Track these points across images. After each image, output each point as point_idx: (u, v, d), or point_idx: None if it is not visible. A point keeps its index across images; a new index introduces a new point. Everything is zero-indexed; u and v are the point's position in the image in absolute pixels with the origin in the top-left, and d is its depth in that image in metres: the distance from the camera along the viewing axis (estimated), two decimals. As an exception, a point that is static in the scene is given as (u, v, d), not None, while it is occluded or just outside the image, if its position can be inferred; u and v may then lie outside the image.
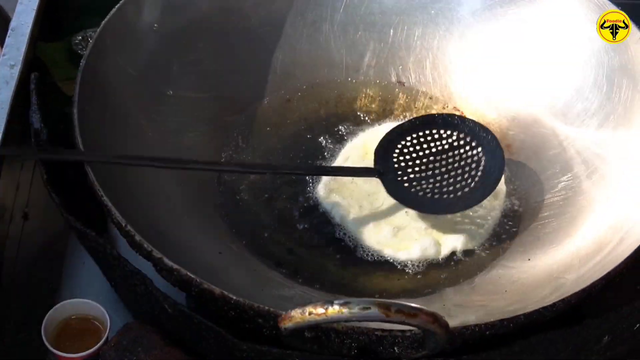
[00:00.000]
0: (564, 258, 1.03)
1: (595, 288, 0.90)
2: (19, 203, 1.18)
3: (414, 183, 1.11)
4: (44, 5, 1.27)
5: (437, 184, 1.10)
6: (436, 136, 1.13)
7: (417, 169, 1.12)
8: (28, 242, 1.16)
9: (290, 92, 1.30)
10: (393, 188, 1.11)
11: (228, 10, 1.27)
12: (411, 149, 1.13)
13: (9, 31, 1.20)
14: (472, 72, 1.28)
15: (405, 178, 1.11)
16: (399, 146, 1.13)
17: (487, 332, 0.86)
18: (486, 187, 1.10)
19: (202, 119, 1.21)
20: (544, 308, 0.88)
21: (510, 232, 1.13)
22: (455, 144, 1.12)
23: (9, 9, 1.29)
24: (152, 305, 0.93)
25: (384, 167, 1.12)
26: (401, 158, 1.12)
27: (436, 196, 1.10)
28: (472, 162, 1.11)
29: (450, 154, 1.12)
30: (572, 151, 1.17)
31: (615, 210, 1.05)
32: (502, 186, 1.16)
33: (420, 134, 1.13)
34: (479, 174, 1.10)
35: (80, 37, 1.30)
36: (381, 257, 1.10)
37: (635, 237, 0.96)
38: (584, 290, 0.90)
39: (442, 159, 1.12)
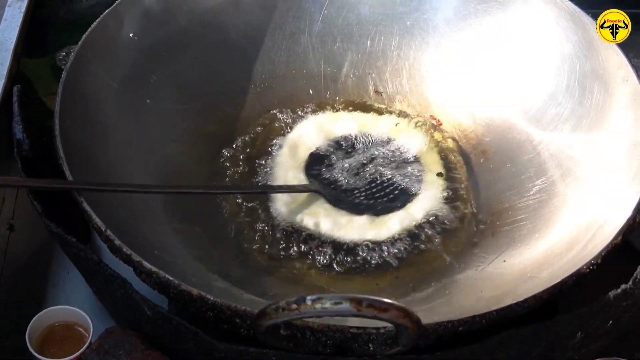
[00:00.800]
0: (538, 257, 1.05)
1: (566, 284, 0.92)
2: (4, 215, 1.21)
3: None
4: (27, 22, 1.30)
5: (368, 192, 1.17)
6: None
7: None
8: (14, 253, 1.18)
9: (270, 103, 1.32)
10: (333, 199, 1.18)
11: (207, 23, 1.30)
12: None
13: (-6, 47, 1.23)
14: (448, 81, 1.30)
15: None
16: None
17: (460, 328, 0.87)
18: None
19: (183, 129, 1.23)
20: (516, 304, 0.89)
21: (485, 235, 1.15)
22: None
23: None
24: (132, 308, 0.94)
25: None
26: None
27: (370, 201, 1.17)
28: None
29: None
30: (546, 155, 1.19)
31: (587, 210, 1.07)
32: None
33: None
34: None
35: (64, 53, 1.33)
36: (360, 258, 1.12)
37: (605, 234, 0.98)
38: (554, 287, 0.91)
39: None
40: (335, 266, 1.11)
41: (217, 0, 1.31)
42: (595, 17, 1.19)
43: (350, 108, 1.32)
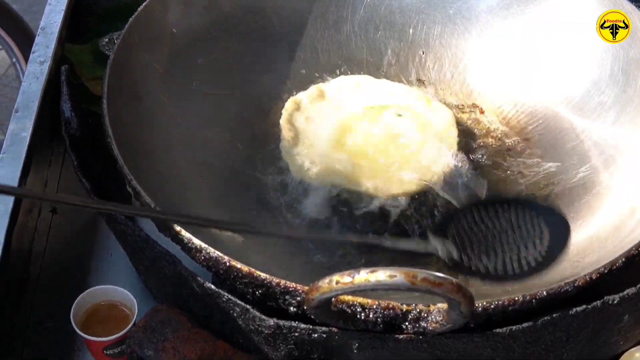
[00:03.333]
0: (583, 243, 1.05)
1: (615, 265, 0.92)
2: (47, 198, 1.21)
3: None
4: (71, 7, 1.31)
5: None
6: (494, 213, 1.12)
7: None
8: (56, 236, 1.19)
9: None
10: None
11: (250, 10, 1.31)
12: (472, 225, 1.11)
13: (39, 30, 1.24)
14: (490, 69, 1.31)
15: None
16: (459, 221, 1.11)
17: (510, 308, 0.87)
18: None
19: (225, 114, 1.24)
20: (566, 283, 0.89)
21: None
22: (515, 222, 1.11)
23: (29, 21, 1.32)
24: (180, 286, 0.95)
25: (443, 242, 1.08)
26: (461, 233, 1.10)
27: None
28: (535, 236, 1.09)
29: (509, 231, 1.10)
30: (589, 143, 1.19)
31: (631, 195, 1.07)
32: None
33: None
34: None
35: (106, 40, 1.33)
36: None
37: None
38: (604, 267, 0.91)
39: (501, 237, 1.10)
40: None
41: (262, -12, 1.32)
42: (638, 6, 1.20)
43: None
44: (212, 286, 0.91)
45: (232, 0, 1.29)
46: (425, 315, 0.86)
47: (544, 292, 0.88)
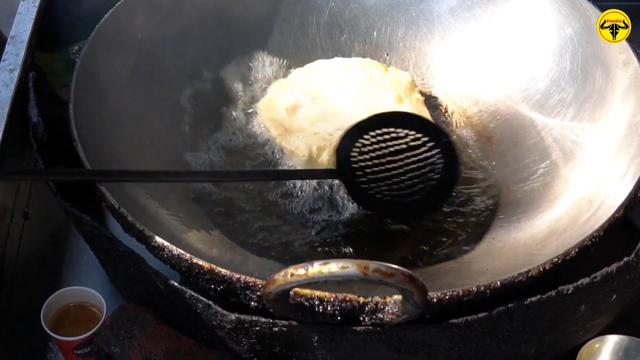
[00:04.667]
0: (542, 235, 1.07)
1: (569, 256, 0.94)
2: (19, 203, 1.23)
3: (372, 184, 1.11)
4: (41, 16, 1.33)
5: (394, 186, 1.11)
6: (394, 135, 1.12)
7: (376, 168, 1.11)
8: (29, 240, 1.21)
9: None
10: (353, 189, 1.12)
11: (216, 15, 1.33)
12: (370, 147, 1.12)
13: (9, 39, 1.26)
14: (453, 70, 1.33)
15: (363, 179, 1.11)
16: (359, 145, 1.12)
17: (465, 298, 0.89)
18: (441, 196, 1.13)
19: (192, 117, 1.26)
20: (519, 274, 0.91)
21: (492, 217, 1.17)
22: (413, 144, 1.12)
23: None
24: (145, 284, 0.97)
25: (345, 165, 1.11)
26: (361, 157, 1.12)
27: (394, 199, 1.11)
28: (429, 165, 1.12)
29: (407, 154, 1.12)
30: (549, 140, 1.21)
31: (589, 188, 1.09)
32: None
33: (379, 132, 1.13)
34: (434, 179, 1.11)
35: (77, 47, 1.35)
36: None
37: (607, 209, 1.00)
38: (557, 257, 0.93)
39: (399, 160, 1.12)
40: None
41: (227, -8, 1.34)
42: (599, 8, 1.22)
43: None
44: (175, 283, 0.93)
45: (197, 5, 1.31)
46: (382, 307, 0.88)
47: (498, 283, 0.90)
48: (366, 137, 1.12)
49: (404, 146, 1.12)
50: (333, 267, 0.79)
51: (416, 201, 1.11)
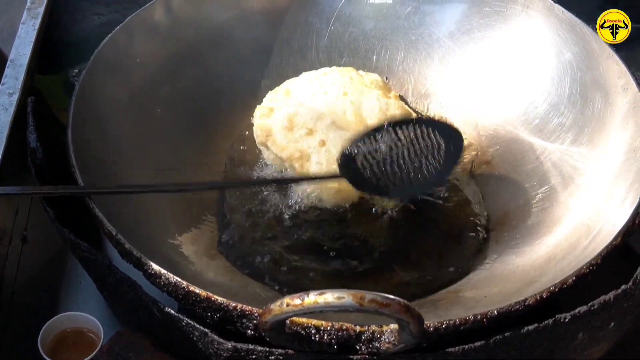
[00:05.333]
0: (541, 262, 1.07)
1: (566, 284, 0.94)
2: (18, 227, 1.23)
3: (378, 177, 1.11)
4: (41, 39, 1.33)
5: (403, 174, 1.11)
6: (393, 136, 1.11)
7: (381, 167, 1.11)
8: (27, 263, 1.21)
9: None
10: (360, 184, 1.12)
11: (215, 39, 1.34)
12: (372, 149, 1.11)
13: (8, 62, 1.26)
14: (452, 93, 1.33)
15: (369, 175, 1.11)
16: (360, 146, 1.11)
17: (462, 327, 0.89)
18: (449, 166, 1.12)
19: (191, 142, 1.26)
20: (516, 303, 0.91)
21: (489, 241, 1.17)
22: (413, 135, 1.11)
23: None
24: (142, 311, 0.96)
25: (350, 169, 1.11)
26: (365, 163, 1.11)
27: (403, 184, 1.11)
28: (432, 147, 1.11)
29: (409, 146, 1.11)
30: (548, 164, 1.21)
31: (588, 214, 1.09)
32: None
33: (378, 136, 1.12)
34: (442, 156, 1.11)
35: (76, 70, 1.36)
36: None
37: (605, 236, 1.00)
38: (555, 286, 0.93)
39: (402, 153, 1.11)
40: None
41: (226, 16, 1.35)
42: (595, 29, 1.22)
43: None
44: (172, 311, 0.93)
45: (197, 29, 1.32)
46: (378, 336, 0.88)
47: (495, 312, 0.90)
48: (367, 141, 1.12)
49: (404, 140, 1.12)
50: (329, 297, 0.79)
51: (425, 180, 1.11)
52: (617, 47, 1.21)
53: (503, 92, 1.29)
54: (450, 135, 1.11)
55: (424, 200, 1.21)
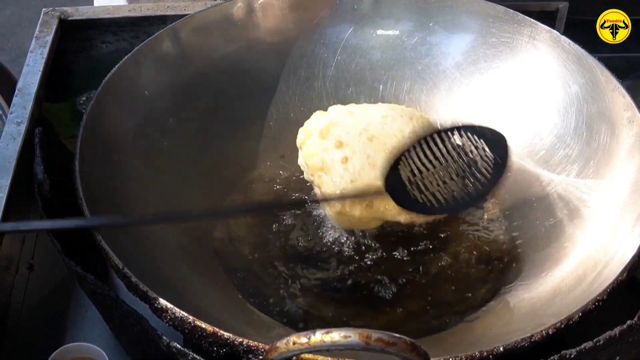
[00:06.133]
0: (547, 295, 1.07)
1: (572, 320, 0.93)
2: (24, 255, 1.24)
3: (422, 194, 1.10)
4: (49, 68, 1.34)
5: (444, 191, 1.10)
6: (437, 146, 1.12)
7: (422, 180, 1.11)
8: (33, 292, 1.21)
9: (284, 148, 1.34)
10: (405, 202, 1.11)
11: (222, 69, 1.34)
12: (417, 161, 1.11)
13: (16, 91, 1.27)
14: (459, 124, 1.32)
15: (414, 193, 1.10)
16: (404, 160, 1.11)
17: (468, 364, 0.89)
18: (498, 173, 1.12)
19: (198, 172, 1.26)
20: (522, 339, 0.91)
21: (495, 273, 1.17)
22: (458, 144, 1.12)
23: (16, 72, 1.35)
24: (148, 344, 0.96)
25: (394, 184, 1.10)
26: (409, 172, 1.11)
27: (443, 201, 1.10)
28: (472, 160, 1.12)
29: (454, 157, 1.12)
30: (554, 196, 1.21)
31: (594, 248, 1.09)
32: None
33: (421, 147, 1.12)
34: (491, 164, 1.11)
35: (84, 98, 1.37)
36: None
37: (611, 271, 1.00)
38: (561, 322, 0.93)
39: (448, 164, 1.11)
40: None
41: (233, 47, 1.35)
42: (600, 60, 1.22)
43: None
44: (178, 345, 0.92)
45: (205, 59, 1.32)
46: (385, 372, 0.88)
47: (501, 348, 0.90)
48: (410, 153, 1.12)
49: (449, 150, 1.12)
50: (335, 336, 0.78)
51: (467, 197, 1.11)
52: (617, 48, 1.21)
53: (509, 122, 1.29)
54: (494, 141, 1.11)
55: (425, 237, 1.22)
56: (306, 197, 1.27)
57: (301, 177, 1.26)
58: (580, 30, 1.35)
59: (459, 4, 1.38)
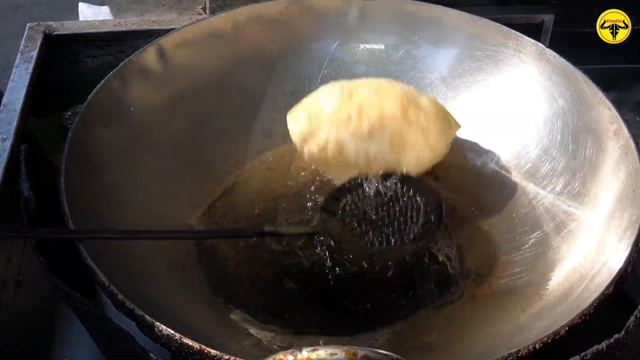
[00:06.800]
0: (534, 310, 1.07)
1: (559, 335, 0.94)
2: (11, 272, 1.23)
3: (360, 237, 1.13)
4: (34, 83, 1.33)
5: (384, 234, 1.13)
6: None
7: (362, 224, 1.14)
8: (20, 309, 1.20)
9: (269, 162, 1.35)
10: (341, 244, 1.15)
11: (208, 84, 1.34)
12: (353, 206, 1.16)
13: (1, 107, 1.26)
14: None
15: (352, 234, 1.14)
16: (342, 204, 1.16)
17: (454, 379, 0.89)
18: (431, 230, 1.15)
19: (183, 187, 1.26)
20: (509, 354, 0.91)
21: (481, 287, 1.16)
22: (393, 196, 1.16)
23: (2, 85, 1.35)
24: (135, 361, 0.96)
25: (330, 226, 1.15)
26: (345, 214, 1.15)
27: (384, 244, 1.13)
28: (411, 209, 1.15)
29: (391, 205, 1.16)
30: (541, 209, 1.21)
31: (580, 261, 1.09)
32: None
33: (360, 191, 1.17)
34: (421, 220, 1.14)
35: (69, 113, 1.37)
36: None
37: (598, 285, 1.00)
38: (547, 337, 0.93)
39: (384, 211, 1.15)
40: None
41: (218, 62, 1.35)
42: (586, 72, 1.23)
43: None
44: (165, 363, 0.93)
45: (190, 74, 1.32)
46: (372, 389, 0.88)
47: (487, 364, 0.90)
48: (349, 197, 1.16)
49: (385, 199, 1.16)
50: (322, 353, 0.78)
51: (404, 243, 1.13)
52: (616, 47, 1.21)
53: (495, 135, 1.30)
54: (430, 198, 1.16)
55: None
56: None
57: (288, 190, 1.27)
58: (566, 42, 1.36)
59: (444, 17, 1.38)
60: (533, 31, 1.47)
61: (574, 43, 1.37)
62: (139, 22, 1.49)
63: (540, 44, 1.29)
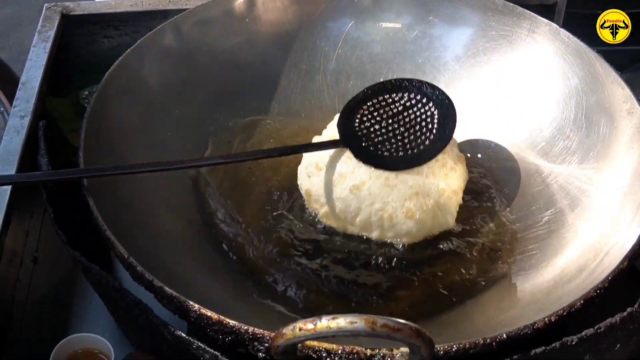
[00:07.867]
0: (548, 284, 1.08)
1: (574, 308, 0.94)
2: (28, 248, 1.25)
3: (379, 146, 1.18)
4: (51, 62, 1.35)
5: (400, 143, 1.18)
6: (389, 100, 1.21)
7: (378, 132, 1.19)
8: (38, 284, 1.22)
9: (285, 141, 1.34)
10: (361, 154, 1.18)
11: (225, 62, 1.35)
12: (369, 116, 1.20)
13: (20, 85, 1.28)
14: (459, 116, 1.31)
15: (369, 143, 1.18)
16: (359, 116, 1.20)
17: (471, 351, 0.90)
18: (443, 137, 1.19)
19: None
20: (525, 326, 0.92)
21: (496, 264, 1.17)
22: (408, 104, 1.20)
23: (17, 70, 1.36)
24: (153, 333, 0.97)
25: (349, 136, 1.19)
26: (362, 126, 1.20)
27: (400, 154, 1.18)
28: (427, 117, 1.20)
29: (405, 113, 1.20)
30: (555, 186, 1.22)
31: (595, 237, 1.10)
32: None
33: (375, 101, 1.21)
34: (435, 126, 1.19)
35: (86, 92, 1.37)
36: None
37: (612, 260, 1.01)
38: (563, 309, 0.94)
39: (399, 120, 1.20)
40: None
41: (234, 40, 1.37)
42: (600, 54, 1.23)
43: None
44: (182, 334, 0.93)
45: (206, 53, 1.33)
46: (389, 359, 0.89)
47: (504, 335, 0.91)
48: (364, 107, 1.21)
49: (400, 107, 1.20)
50: (341, 322, 0.79)
51: (421, 150, 1.18)
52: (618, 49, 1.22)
53: (509, 115, 1.31)
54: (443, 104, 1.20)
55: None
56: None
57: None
58: (579, 23, 1.36)
59: (458, -3, 1.39)
60: (546, 12, 1.47)
61: (587, 24, 1.36)
62: (155, 2, 1.50)
63: (554, 24, 1.30)
